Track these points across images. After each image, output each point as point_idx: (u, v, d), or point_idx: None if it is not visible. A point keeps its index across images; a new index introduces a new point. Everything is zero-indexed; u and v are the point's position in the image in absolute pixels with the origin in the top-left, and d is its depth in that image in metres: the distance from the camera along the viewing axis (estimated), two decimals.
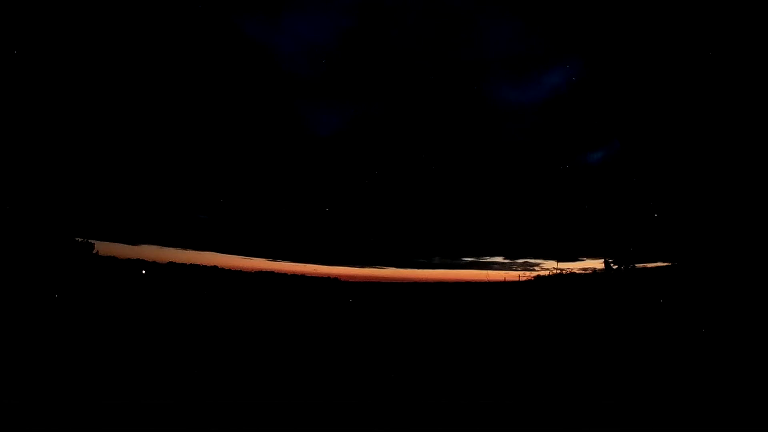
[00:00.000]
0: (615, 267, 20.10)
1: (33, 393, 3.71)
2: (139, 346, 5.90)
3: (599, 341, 7.67)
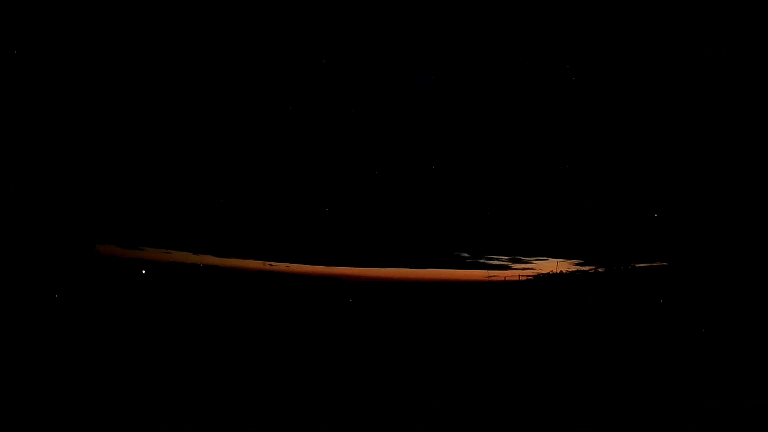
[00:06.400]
0: (614, 269, 20.13)
1: (33, 392, 3.74)
2: (139, 346, 5.93)
3: (597, 341, 7.70)
